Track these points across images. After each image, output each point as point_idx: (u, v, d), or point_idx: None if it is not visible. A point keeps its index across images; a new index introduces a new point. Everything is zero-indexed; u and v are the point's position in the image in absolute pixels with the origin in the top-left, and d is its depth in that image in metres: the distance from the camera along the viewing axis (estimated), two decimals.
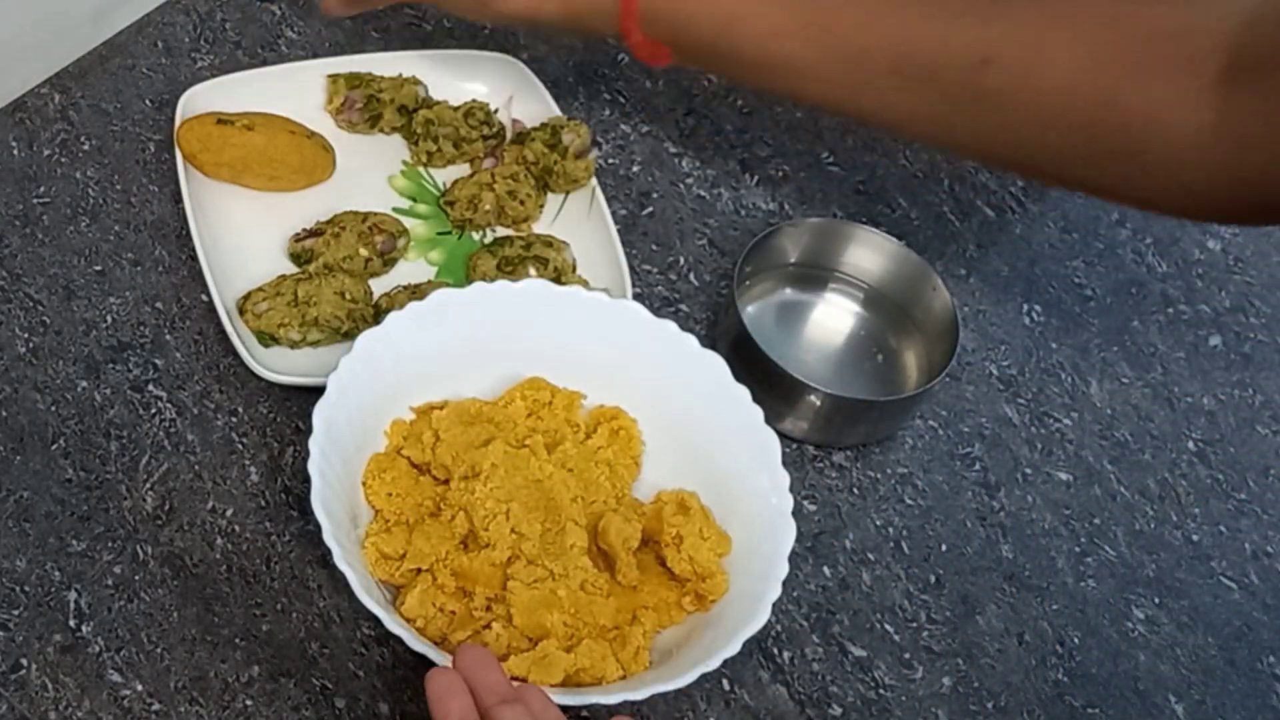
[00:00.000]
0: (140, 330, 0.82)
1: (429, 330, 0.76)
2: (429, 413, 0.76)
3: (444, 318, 0.77)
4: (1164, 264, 0.96)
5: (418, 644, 0.66)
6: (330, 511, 0.69)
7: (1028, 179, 0.96)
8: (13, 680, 0.69)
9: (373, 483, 0.74)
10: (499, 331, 0.78)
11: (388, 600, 0.71)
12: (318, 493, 0.69)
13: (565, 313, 0.78)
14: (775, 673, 0.75)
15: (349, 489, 0.73)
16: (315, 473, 0.69)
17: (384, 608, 0.67)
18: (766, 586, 0.70)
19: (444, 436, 0.75)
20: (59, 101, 0.91)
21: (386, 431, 0.76)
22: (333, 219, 0.85)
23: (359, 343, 0.74)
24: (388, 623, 0.66)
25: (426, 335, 0.76)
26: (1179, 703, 0.78)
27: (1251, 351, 0.93)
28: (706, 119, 0.98)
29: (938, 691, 0.76)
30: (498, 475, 0.73)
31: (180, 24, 0.96)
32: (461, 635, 0.70)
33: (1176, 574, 0.82)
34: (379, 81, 0.91)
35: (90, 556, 0.74)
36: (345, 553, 0.68)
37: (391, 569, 0.72)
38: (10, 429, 0.78)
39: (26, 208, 0.86)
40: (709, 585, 0.73)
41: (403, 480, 0.74)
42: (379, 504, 0.74)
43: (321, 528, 0.68)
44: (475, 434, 0.75)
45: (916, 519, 0.82)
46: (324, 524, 0.68)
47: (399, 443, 0.76)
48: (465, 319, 0.77)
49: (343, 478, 0.73)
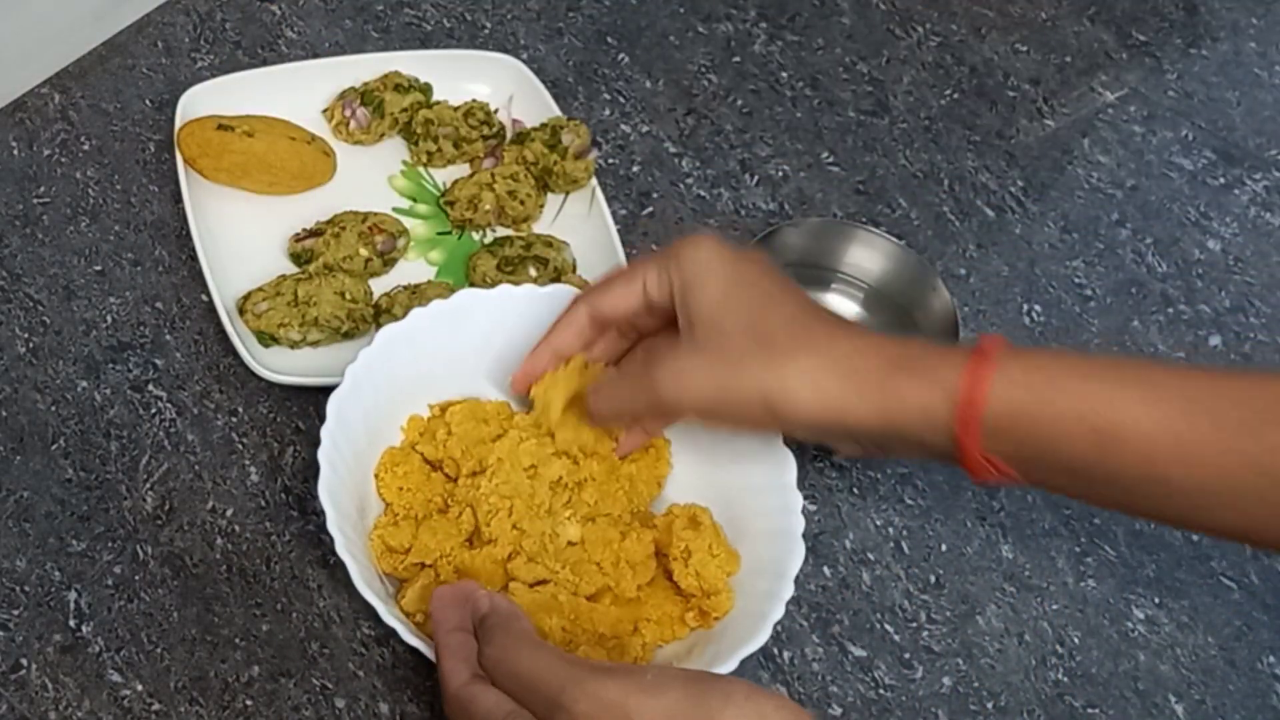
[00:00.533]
0: (140, 330, 0.82)
1: (452, 330, 0.76)
2: (445, 410, 0.76)
3: (468, 318, 0.77)
4: (1164, 264, 0.96)
5: (412, 638, 0.66)
6: (337, 501, 0.69)
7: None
8: (13, 680, 0.69)
9: (385, 476, 0.75)
10: (522, 335, 0.77)
11: (389, 594, 0.71)
12: (325, 481, 0.69)
13: None
14: (775, 673, 0.75)
15: (359, 481, 0.74)
16: (324, 461, 0.69)
17: (382, 600, 0.67)
18: (770, 606, 0.70)
19: (455, 431, 0.75)
20: (59, 101, 0.91)
21: (403, 427, 0.77)
22: (333, 219, 0.85)
23: (380, 336, 0.74)
24: (384, 614, 0.66)
25: (449, 335, 0.76)
26: (1179, 703, 0.77)
27: (1251, 351, 0.93)
28: (706, 119, 0.98)
29: (938, 691, 0.76)
30: (504, 470, 0.73)
31: (180, 24, 0.96)
32: None
33: (1176, 574, 0.82)
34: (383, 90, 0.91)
35: (90, 556, 0.74)
36: (348, 542, 0.68)
37: (396, 562, 0.72)
38: (10, 429, 0.78)
39: (26, 208, 0.86)
40: (714, 603, 0.72)
41: (415, 475, 0.75)
42: (390, 497, 0.74)
43: (326, 516, 0.68)
44: (487, 431, 0.75)
45: (916, 519, 0.82)
46: (329, 512, 0.68)
47: (414, 438, 0.76)
48: (489, 321, 0.77)
49: (353, 469, 0.73)
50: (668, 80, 1.00)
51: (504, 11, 1.01)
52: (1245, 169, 1.02)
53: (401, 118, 0.91)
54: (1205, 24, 1.11)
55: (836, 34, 1.05)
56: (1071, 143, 1.02)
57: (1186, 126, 1.04)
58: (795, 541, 0.72)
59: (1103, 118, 1.03)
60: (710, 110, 0.99)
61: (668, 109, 0.98)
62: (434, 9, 1.00)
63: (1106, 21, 1.10)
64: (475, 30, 0.99)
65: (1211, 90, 1.07)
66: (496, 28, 1.00)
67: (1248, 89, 1.07)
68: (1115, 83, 1.06)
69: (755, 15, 1.05)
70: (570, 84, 0.98)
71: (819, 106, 1.01)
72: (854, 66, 1.04)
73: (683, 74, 1.00)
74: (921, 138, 1.00)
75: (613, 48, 1.00)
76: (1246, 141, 1.04)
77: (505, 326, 0.77)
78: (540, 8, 1.02)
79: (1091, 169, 1.00)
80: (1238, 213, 1.00)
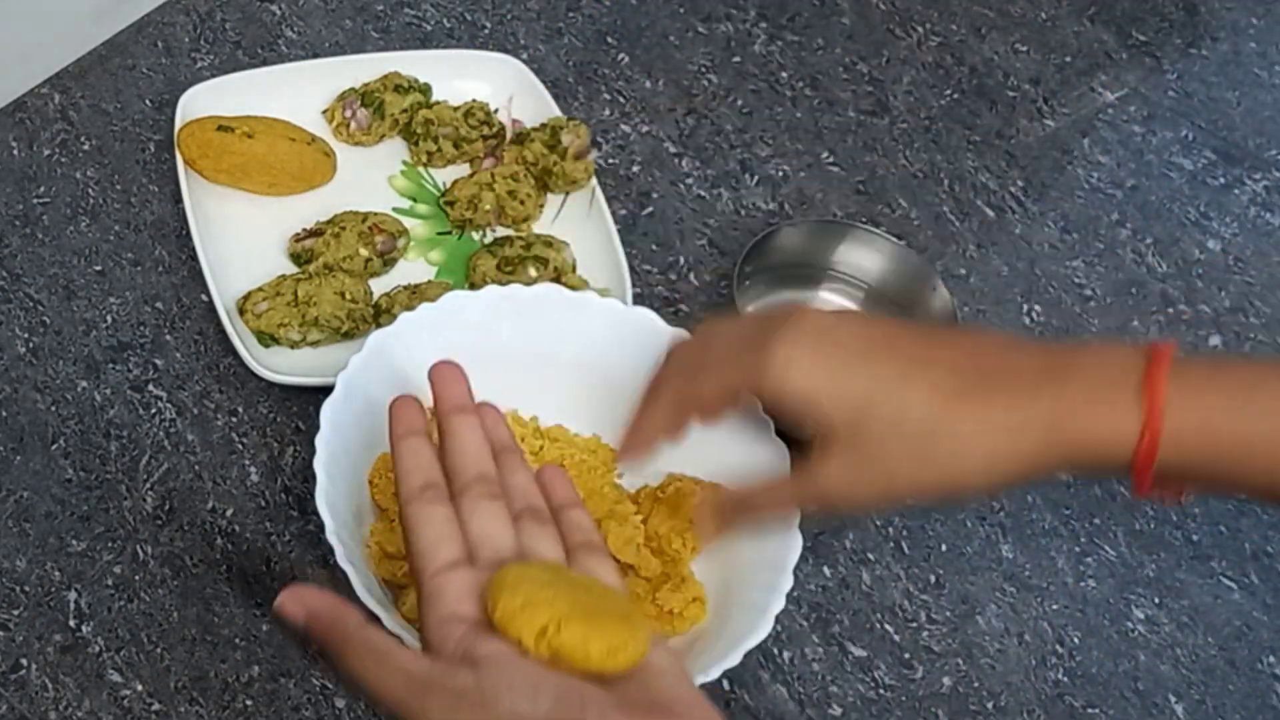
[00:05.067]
0: (140, 330, 0.82)
1: (443, 332, 0.76)
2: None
3: (458, 320, 0.76)
4: (1164, 264, 0.96)
5: (416, 644, 0.66)
6: (335, 510, 0.69)
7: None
8: (13, 680, 0.70)
9: (380, 481, 0.74)
10: (514, 337, 0.77)
11: (389, 600, 0.71)
12: (323, 490, 0.69)
13: (579, 320, 0.77)
14: (775, 673, 0.75)
15: (355, 487, 0.73)
16: (321, 470, 0.69)
17: (384, 607, 0.67)
18: (771, 599, 0.70)
19: None
20: (59, 101, 0.91)
21: None
22: (333, 219, 0.85)
23: (370, 341, 0.74)
24: (387, 622, 0.66)
25: (440, 337, 0.76)
26: (1179, 703, 0.78)
27: (1251, 351, 0.93)
28: (706, 119, 0.98)
29: (938, 691, 0.76)
30: None
31: (180, 24, 0.96)
32: None
33: (1176, 574, 0.82)
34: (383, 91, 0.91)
35: (90, 556, 0.74)
36: (347, 551, 0.68)
37: (394, 568, 0.72)
38: (10, 429, 0.78)
39: (26, 208, 0.86)
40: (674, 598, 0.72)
41: None
42: (385, 503, 0.74)
43: (325, 525, 0.68)
44: None
45: (916, 519, 0.82)
46: (327, 522, 0.68)
47: None
48: (480, 323, 0.77)
49: (349, 476, 0.72)
50: (668, 80, 1.00)
51: (504, 11, 1.01)
52: (1245, 169, 1.02)
53: (401, 118, 0.91)
54: (1205, 24, 1.11)
55: (836, 34, 1.05)
56: (1071, 143, 1.02)
57: (1186, 126, 1.04)
58: (792, 533, 0.72)
59: (1103, 118, 1.03)
60: (710, 110, 0.99)
61: (668, 109, 0.98)
62: (434, 9, 1.00)
63: (1106, 21, 1.10)
64: (475, 30, 0.99)
65: (1211, 90, 1.07)
66: (496, 28, 1.00)
67: (1248, 89, 1.07)
68: (1115, 83, 1.06)
69: (755, 15, 1.05)
70: (570, 84, 0.98)
71: (819, 106, 1.01)
72: (854, 66, 1.04)
73: (683, 74, 1.00)
74: (921, 138, 1.00)
75: (613, 48, 1.00)
76: (1246, 141, 1.04)
77: (496, 328, 0.77)
78: (540, 8, 1.02)
79: (1091, 169, 1.00)
80: (1238, 213, 1.00)
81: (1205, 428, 0.61)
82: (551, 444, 0.77)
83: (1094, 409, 0.61)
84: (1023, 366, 0.63)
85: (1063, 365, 0.63)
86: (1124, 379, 0.61)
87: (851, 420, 0.64)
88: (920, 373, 0.64)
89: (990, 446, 0.62)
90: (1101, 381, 0.62)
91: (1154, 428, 0.60)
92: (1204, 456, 0.61)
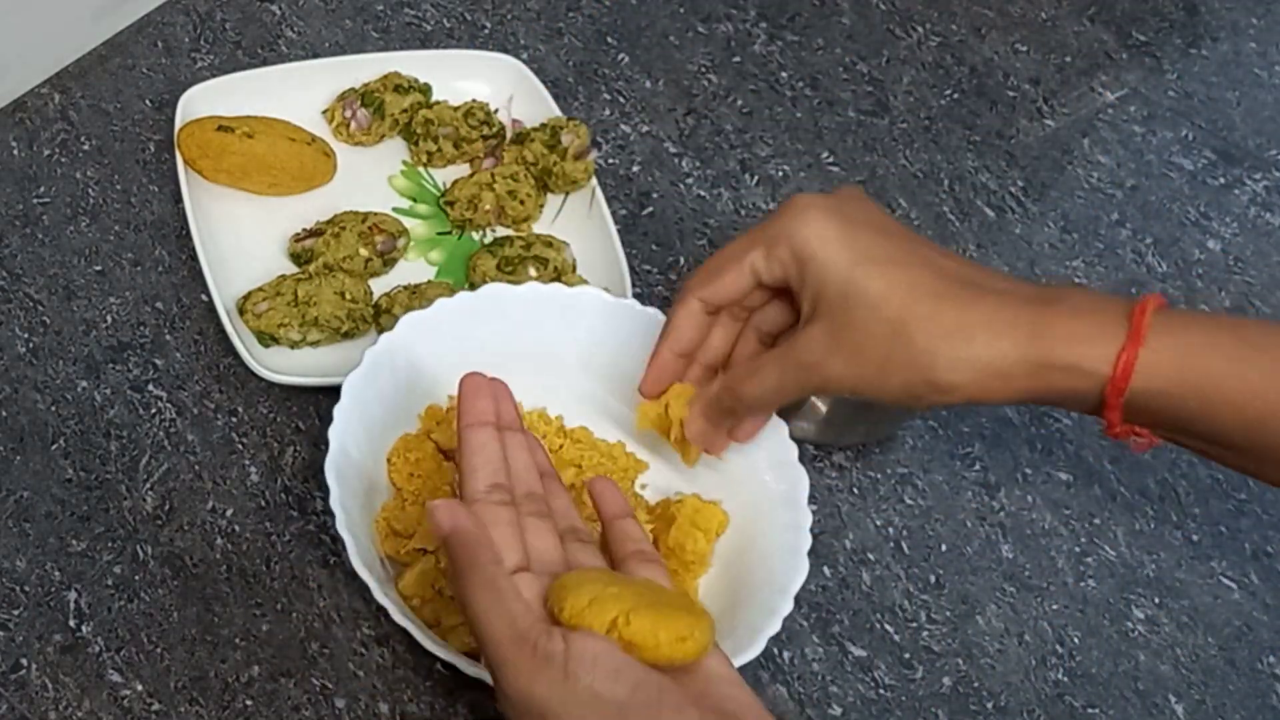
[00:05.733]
0: (140, 330, 0.82)
1: (478, 323, 0.77)
2: None
3: (494, 312, 0.77)
4: (1164, 264, 0.96)
5: (402, 618, 0.66)
6: (343, 479, 0.69)
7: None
8: (13, 680, 0.70)
9: (397, 460, 0.75)
10: (550, 334, 0.78)
11: (388, 577, 0.71)
12: (333, 459, 0.69)
13: (614, 324, 0.78)
14: (775, 673, 0.75)
15: (370, 464, 0.74)
16: (334, 438, 0.70)
17: (378, 578, 0.67)
18: (767, 621, 0.70)
19: None
20: (59, 101, 0.91)
21: (421, 415, 0.77)
22: (333, 219, 0.85)
23: (401, 323, 0.75)
24: (376, 593, 0.66)
25: (476, 328, 0.77)
26: (1179, 703, 0.78)
27: None
28: (706, 119, 0.98)
29: (938, 691, 0.76)
30: None
31: (180, 24, 0.96)
32: (455, 621, 0.70)
33: (1176, 574, 0.82)
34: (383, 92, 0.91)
35: (90, 556, 0.74)
36: (350, 521, 0.68)
37: (399, 545, 0.72)
38: (10, 429, 0.78)
39: (26, 208, 0.86)
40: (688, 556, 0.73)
41: (427, 462, 0.75)
42: (400, 482, 0.75)
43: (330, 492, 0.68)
44: None
45: (916, 519, 0.82)
46: (332, 489, 0.68)
47: (430, 426, 0.76)
48: (515, 317, 0.77)
49: (365, 452, 0.73)
50: (668, 80, 1.00)
51: (504, 11, 1.01)
52: (1245, 169, 1.02)
53: (401, 118, 0.91)
54: (1205, 24, 1.11)
55: (836, 34, 1.05)
56: (1071, 143, 1.02)
57: (1186, 126, 1.04)
58: (801, 559, 0.72)
59: (1103, 118, 1.04)
60: (710, 110, 0.99)
61: (668, 109, 0.98)
62: (434, 9, 1.00)
63: (1106, 21, 1.10)
64: (475, 30, 0.99)
65: (1211, 90, 1.07)
66: (496, 28, 1.00)
67: (1248, 89, 1.07)
68: (1115, 83, 1.06)
69: (755, 15, 1.05)
70: (570, 84, 0.98)
71: (819, 106, 1.01)
72: (854, 66, 1.04)
73: (683, 74, 1.00)
74: (921, 138, 1.00)
75: (613, 48, 1.00)
76: (1246, 141, 1.04)
77: (532, 324, 0.77)
78: (540, 8, 1.02)
79: (1091, 169, 1.00)
80: (1238, 213, 1.00)
81: (1182, 362, 0.62)
82: (573, 444, 0.78)
83: (1078, 323, 0.63)
84: (1016, 287, 0.65)
85: (1054, 292, 0.65)
86: (1111, 306, 0.63)
87: (841, 290, 0.65)
88: (919, 263, 0.66)
89: (967, 340, 0.63)
90: (1089, 305, 0.64)
91: (1133, 349, 0.62)
92: (1177, 392, 0.62)
